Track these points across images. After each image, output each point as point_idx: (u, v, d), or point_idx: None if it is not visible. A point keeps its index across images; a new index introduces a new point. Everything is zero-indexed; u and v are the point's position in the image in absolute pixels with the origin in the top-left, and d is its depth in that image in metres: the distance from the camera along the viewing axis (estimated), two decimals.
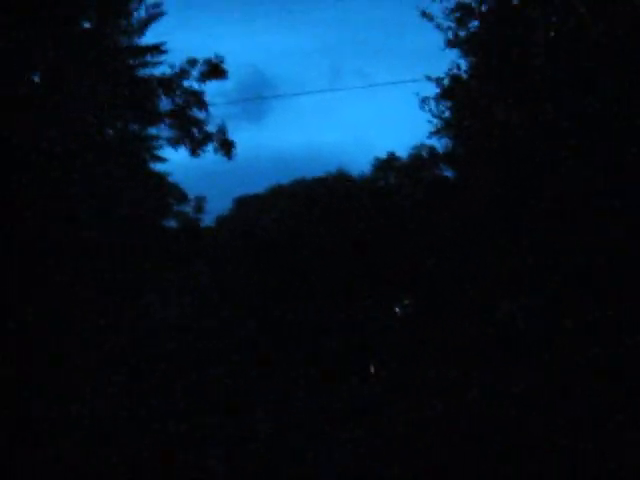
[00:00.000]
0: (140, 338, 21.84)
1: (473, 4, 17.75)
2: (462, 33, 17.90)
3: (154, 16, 26.72)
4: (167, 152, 26.00)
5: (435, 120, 19.86)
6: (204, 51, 23.52)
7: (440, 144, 23.91)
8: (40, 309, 18.09)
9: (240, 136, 23.91)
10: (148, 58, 29.75)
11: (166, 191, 24.32)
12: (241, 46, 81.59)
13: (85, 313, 19.27)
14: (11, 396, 17.75)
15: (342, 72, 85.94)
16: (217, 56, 23.17)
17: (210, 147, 23.53)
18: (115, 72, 25.55)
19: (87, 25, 25.40)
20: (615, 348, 15.81)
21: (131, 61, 28.63)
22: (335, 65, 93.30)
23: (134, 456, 19.36)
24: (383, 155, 37.79)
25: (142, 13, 25.39)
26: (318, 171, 41.09)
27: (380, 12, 77.92)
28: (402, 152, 36.75)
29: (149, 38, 27.78)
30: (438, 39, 18.68)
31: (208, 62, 23.08)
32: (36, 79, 23.12)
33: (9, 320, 17.98)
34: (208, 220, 31.51)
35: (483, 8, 17.79)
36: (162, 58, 29.79)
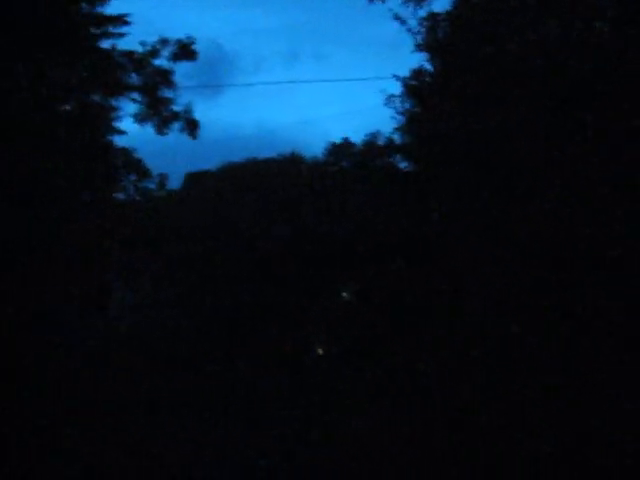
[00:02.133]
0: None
1: (444, 15, 18.49)
2: (430, 39, 18.61)
3: None
4: (126, 125, 26.36)
5: (398, 117, 20.70)
6: (162, 22, 23.72)
7: (399, 137, 24.68)
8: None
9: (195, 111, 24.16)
10: (110, 29, 30.00)
11: (131, 166, 24.68)
12: (200, 19, 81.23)
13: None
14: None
15: (301, 54, 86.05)
16: (188, 37, 23.58)
17: (176, 125, 23.97)
18: (78, 39, 25.65)
19: None
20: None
21: (93, 30, 28.80)
22: (295, 46, 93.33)
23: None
24: (337, 140, 38.55)
25: None
26: (271, 152, 41.70)
27: None
28: (356, 139, 37.51)
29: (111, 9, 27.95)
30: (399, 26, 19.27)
31: (179, 42, 23.45)
32: None
33: None
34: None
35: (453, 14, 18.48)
36: (125, 29, 30.21)
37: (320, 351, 33.15)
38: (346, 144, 37.80)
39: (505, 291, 18.86)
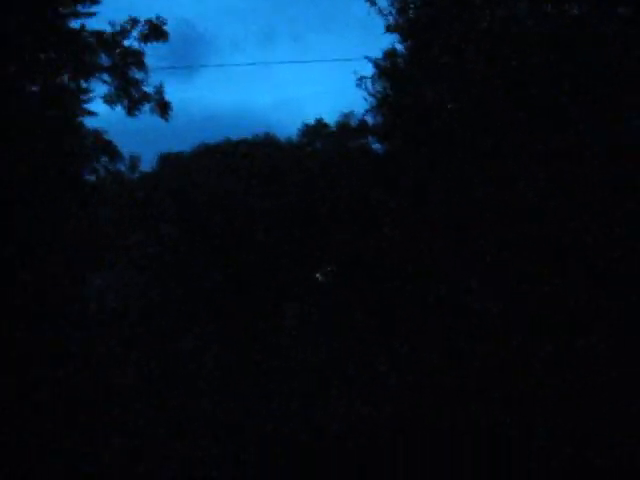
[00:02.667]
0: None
1: None
2: (401, 20, 18.64)
3: None
4: (96, 107, 26.09)
5: (370, 98, 20.71)
6: (136, 1, 23.35)
7: (372, 119, 24.64)
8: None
9: (168, 91, 24.02)
10: (79, 8, 29.64)
11: (101, 148, 24.44)
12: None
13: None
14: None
15: (276, 34, 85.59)
16: (159, 17, 23.31)
17: (147, 107, 23.75)
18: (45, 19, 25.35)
19: None
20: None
21: (61, 9, 28.43)
22: (270, 27, 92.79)
23: None
24: (311, 121, 38.38)
25: None
26: (246, 133, 41.41)
27: None
28: (331, 120, 37.38)
29: None
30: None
31: (149, 23, 23.19)
32: None
33: None
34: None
35: None
36: (95, 9, 29.86)
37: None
38: (320, 125, 37.68)
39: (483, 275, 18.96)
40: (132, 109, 23.62)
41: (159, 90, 23.72)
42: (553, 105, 18.33)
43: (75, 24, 26.45)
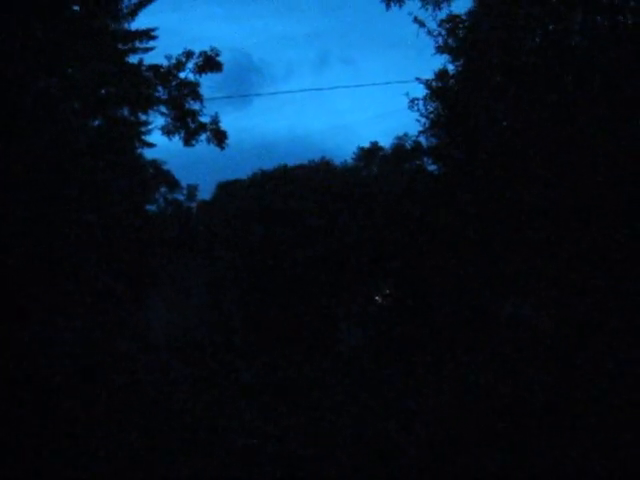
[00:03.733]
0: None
1: (464, 16, 18.59)
2: (451, 41, 18.72)
3: (145, 1, 27.17)
4: (155, 137, 26.62)
5: (423, 119, 20.82)
6: (192, 32, 23.83)
7: (425, 140, 24.70)
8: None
9: (225, 120, 24.42)
10: (137, 44, 30.37)
11: (160, 179, 24.94)
12: (230, 29, 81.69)
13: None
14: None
15: (329, 59, 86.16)
16: (213, 49, 23.67)
17: (203, 137, 24.14)
18: (106, 56, 25.99)
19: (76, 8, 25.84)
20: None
21: (120, 46, 29.17)
22: (323, 52, 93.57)
23: None
24: (367, 145, 38.66)
25: None
26: (302, 159, 41.85)
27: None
28: (386, 142, 37.65)
29: (140, 22, 28.34)
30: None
31: (204, 54, 23.59)
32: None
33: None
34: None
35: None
36: (152, 44, 30.59)
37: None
38: (375, 148, 37.89)
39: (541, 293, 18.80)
40: (189, 139, 24.02)
41: (215, 120, 24.10)
42: (607, 121, 18.17)
43: (133, 59, 27.24)
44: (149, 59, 25.17)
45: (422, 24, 18.53)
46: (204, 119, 24.10)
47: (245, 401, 24.71)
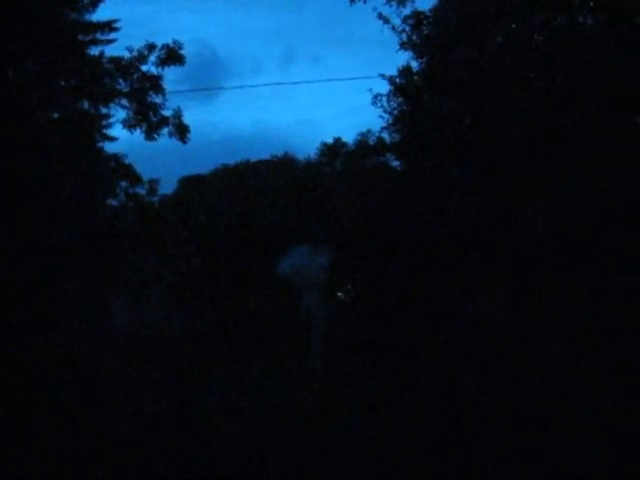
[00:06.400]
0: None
1: (428, 13, 18.67)
2: (415, 37, 18.78)
3: None
4: (116, 131, 26.37)
5: (387, 116, 20.84)
6: (157, 24, 23.71)
7: (389, 136, 24.75)
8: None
9: (189, 114, 24.31)
10: (98, 35, 29.99)
11: (121, 173, 24.70)
12: (194, 22, 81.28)
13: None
14: None
15: (295, 55, 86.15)
16: (175, 42, 23.57)
17: (165, 131, 24.00)
18: (65, 47, 25.66)
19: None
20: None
21: (81, 37, 28.80)
22: (289, 47, 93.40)
23: None
24: (330, 141, 38.57)
25: None
26: (264, 154, 41.63)
27: None
28: (350, 138, 37.59)
29: (102, 14, 28.03)
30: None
31: (166, 47, 23.42)
32: None
33: None
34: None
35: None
36: (114, 35, 30.25)
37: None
38: (338, 144, 37.82)
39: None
40: (151, 133, 23.88)
41: (177, 114, 23.98)
42: (574, 115, 18.33)
43: (94, 51, 26.91)
44: (111, 51, 24.88)
45: (386, 20, 18.58)
46: (166, 113, 23.98)
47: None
